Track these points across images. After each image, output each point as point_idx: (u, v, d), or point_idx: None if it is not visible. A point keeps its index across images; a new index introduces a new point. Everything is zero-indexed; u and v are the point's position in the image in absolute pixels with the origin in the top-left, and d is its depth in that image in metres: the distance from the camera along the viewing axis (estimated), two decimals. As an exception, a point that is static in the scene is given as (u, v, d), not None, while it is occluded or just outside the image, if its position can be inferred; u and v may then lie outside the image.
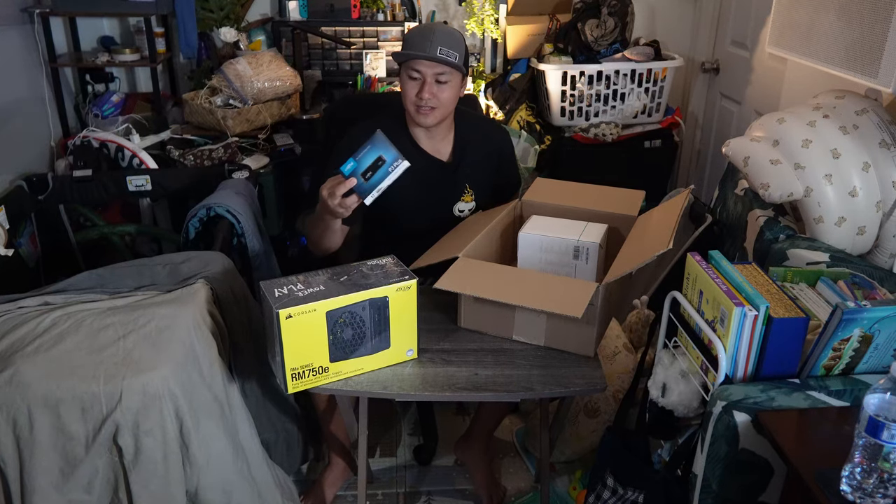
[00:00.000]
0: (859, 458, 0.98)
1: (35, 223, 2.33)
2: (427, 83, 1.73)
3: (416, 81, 1.75)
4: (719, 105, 3.12)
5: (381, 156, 1.50)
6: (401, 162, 1.49)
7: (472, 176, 1.92)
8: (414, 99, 1.76)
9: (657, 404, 1.40)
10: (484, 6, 3.06)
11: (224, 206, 2.05)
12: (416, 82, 1.75)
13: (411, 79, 1.75)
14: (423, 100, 1.74)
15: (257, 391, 1.78)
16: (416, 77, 1.74)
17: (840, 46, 1.79)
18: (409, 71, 1.75)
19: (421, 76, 1.74)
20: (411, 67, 1.74)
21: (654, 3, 3.26)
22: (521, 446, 2.18)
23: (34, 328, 1.48)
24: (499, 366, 1.52)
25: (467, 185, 1.92)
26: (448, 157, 1.90)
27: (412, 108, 1.78)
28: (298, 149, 2.74)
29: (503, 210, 1.86)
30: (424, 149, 1.87)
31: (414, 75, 1.74)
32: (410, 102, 1.78)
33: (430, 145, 1.87)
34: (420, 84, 1.74)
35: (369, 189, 1.52)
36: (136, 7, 2.72)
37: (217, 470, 1.55)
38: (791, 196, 1.74)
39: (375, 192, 1.51)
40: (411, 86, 1.76)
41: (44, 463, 1.40)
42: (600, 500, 1.55)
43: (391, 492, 2.03)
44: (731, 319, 1.19)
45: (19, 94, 2.57)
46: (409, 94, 1.76)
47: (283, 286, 1.41)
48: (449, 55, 1.71)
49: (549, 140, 2.98)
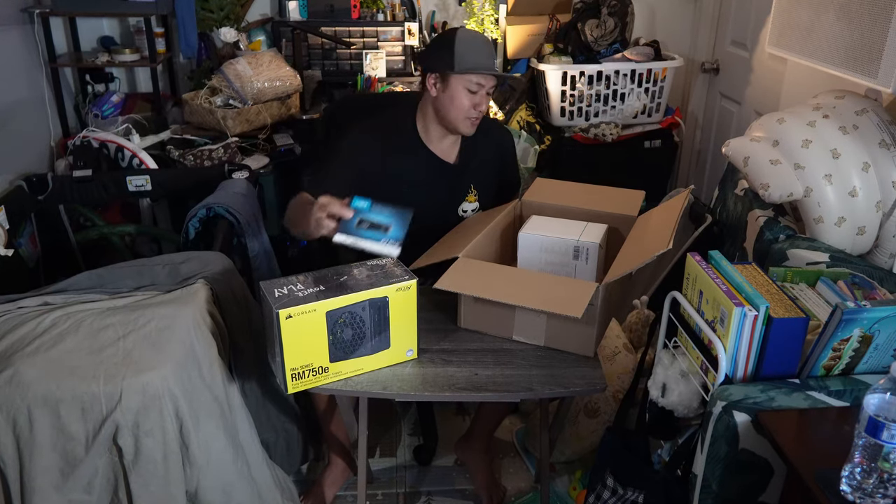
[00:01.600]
0: (859, 458, 0.98)
1: (35, 223, 2.33)
2: (483, 96, 1.75)
3: (475, 94, 1.74)
4: (719, 105, 3.12)
5: (390, 228, 1.46)
6: (393, 248, 1.43)
7: (476, 177, 1.92)
8: (470, 111, 1.76)
9: (657, 404, 1.40)
10: (484, 6, 3.06)
11: (224, 207, 2.05)
12: (476, 95, 1.74)
13: (470, 91, 1.74)
14: (481, 112, 1.76)
15: (257, 391, 1.78)
16: (475, 90, 1.74)
17: (840, 46, 1.79)
18: (469, 84, 1.73)
19: (481, 88, 1.74)
20: (473, 81, 1.73)
21: (654, 3, 3.26)
22: (521, 446, 2.18)
23: (34, 328, 1.48)
24: (499, 366, 1.52)
25: (472, 186, 1.92)
26: (455, 159, 1.90)
27: (464, 119, 1.77)
28: (298, 149, 2.74)
29: (503, 210, 1.86)
30: (433, 151, 1.86)
31: (474, 88, 1.73)
32: (464, 114, 1.76)
33: (439, 148, 1.87)
34: (480, 96, 1.75)
35: (351, 234, 1.44)
36: (136, 7, 2.72)
37: (217, 470, 1.55)
38: (791, 196, 1.74)
39: (351, 240, 1.44)
40: (470, 98, 1.74)
41: (44, 463, 1.40)
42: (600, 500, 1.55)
43: (391, 492, 2.03)
44: (731, 319, 1.19)
45: (19, 95, 2.57)
46: (465, 105, 1.75)
47: (283, 286, 1.41)
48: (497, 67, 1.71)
49: (549, 140, 2.98)
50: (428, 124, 1.84)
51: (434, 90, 1.77)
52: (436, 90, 1.77)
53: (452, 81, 1.74)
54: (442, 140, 1.86)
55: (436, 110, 1.80)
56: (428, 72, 1.78)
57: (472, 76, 1.72)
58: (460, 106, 1.75)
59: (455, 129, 1.81)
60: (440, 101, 1.77)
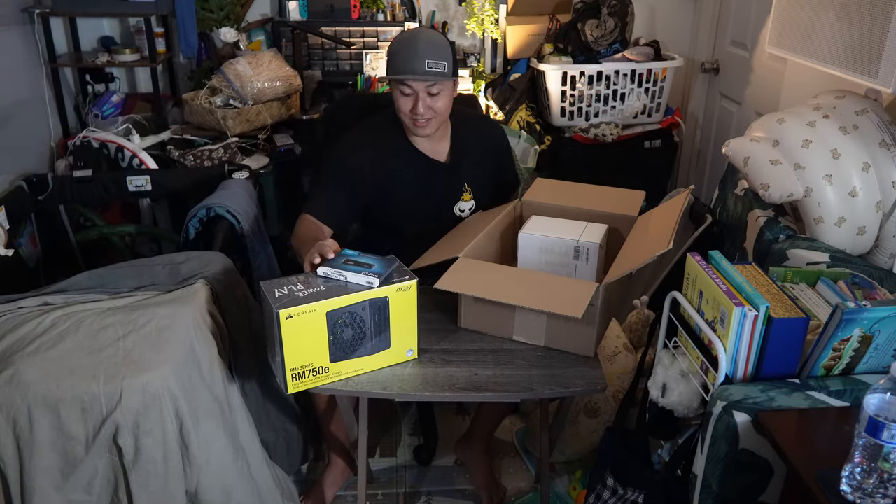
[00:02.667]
0: (859, 458, 0.98)
1: (35, 223, 2.33)
2: (420, 98, 1.72)
3: (408, 97, 1.73)
4: (719, 105, 3.12)
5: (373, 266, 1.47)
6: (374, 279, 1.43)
7: (470, 175, 1.92)
8: (409, 114, 1.75)
9: (657, 404, 1.40)
10: (484, 6, 3.06)
11: (224, 207, 2.05)
12: (409, 98, 1.73)
13: (403, 94, 1.74)
14: (419, 114, 1.74)
15: (257, 391, 1.78)
16: (408, 93, 1.73)
17: (840, 46, 1.79)
18: (400, 87, 1.73)
19: (413, 91, 1.72)
20: (402, 83, 1.72)
21: (654, 3, 3.26)
22: (521, 446, 2.18)
23: (34, 328, 1.48)
24: (499, 366, 1.52)
25: (466, 184, 1.92)
26: (446, 158, 1.90)
27: (409, 121, 1.78)
28: (298, 149, 2.74)
29: (503, 210, 1.86)
30: (422, 151, 1.87)
31: (406, 91, 1.73)
32: (406, 117, 1.77)
33: (428, 147, 1.87)
34: (413, 99, 1.73)
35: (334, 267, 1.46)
36: (136, 7, 2.73)
37: (217, 470, 1.55)
38: (791, 196, 1.74)
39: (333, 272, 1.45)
40: (404, 101, 1.74)
41: (44, 463, 1.40)
42: (600, 500, 1.55)
43: (391, 492, 2.03)
44: (731, 319, 1.19)
45: (19, 95, 2.57)
46: (404, 108, 1.75)
47: (284, 286, 1.41)
48: (437, 67, 1.69)
49: (549, 140, 2.98)
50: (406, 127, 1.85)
51: None
52: None
53: (392, 87, 1.76)
54: (428, 142, 1.87)
55: None
56: None
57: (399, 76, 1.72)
58: (400, 109, 1.77)
59: (412, 131, 1.82)
60: None
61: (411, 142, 1.86)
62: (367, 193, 1.83)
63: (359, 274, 1.44)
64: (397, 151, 1.85)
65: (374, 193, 1.83)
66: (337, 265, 1.47)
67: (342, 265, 1.47)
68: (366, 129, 1.87)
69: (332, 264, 1.47)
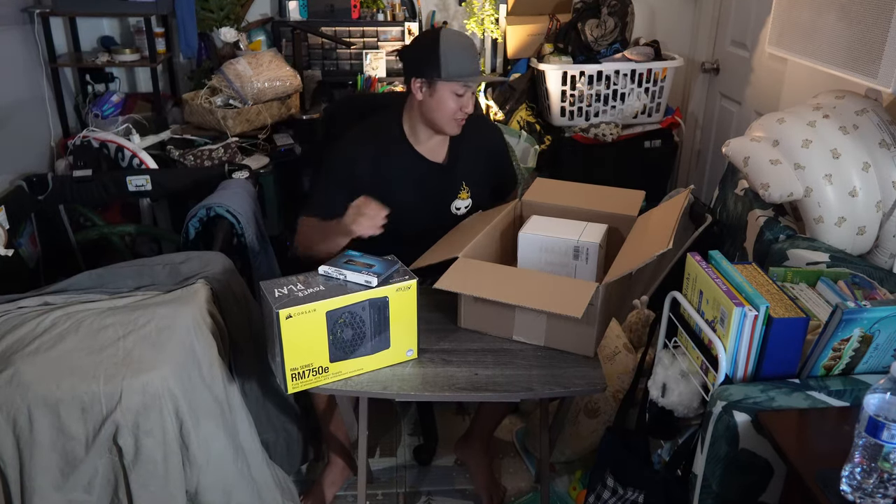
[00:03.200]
0: (859, 458, 0.98)
1: (35, 223, 2.33)
2: (468, 98, 1.77)
3: (460, 98, 1.76)
4: (719, 105, 3.12)
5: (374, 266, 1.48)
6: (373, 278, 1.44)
7: (466, 173, 1.93)
8: (457, 113, 1.78)
9: (657, 404, 1.40)
10: (484, 6, 3.06)
11: (224, 207, 2.05)
12: (461, 99, 1.76)
13: (457, 95, 1.76)
14: (466, 113, 1.78)
15: (257, 391, 1.78)
16: (461, 94, 1.76)
17: (840, 46, 1.79)
18: (457, 88, 1.75)
19: (467, 91, 1.76)
20: (460, 85, 1.75)
21: (654, 3, 3.26)
22: (521, 446, 2.18)
23: (34, 328, 1.48)
24: (499, 366, 1.52)
25: (463, 183, 1.93)
26: (443, 159, 1.91)
27: (451, 121, 1.79)
28: (298, 149, 2.74)
29: (503, 210, 1.86)
30: (421, 153, 1.87)
31: (460, 92, 1.75)
32: (451, 116, 1.78)
33: (427, 149, 1.88)
34: (464, 100, 1.77)
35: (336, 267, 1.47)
36: (136, 7, 2.72)
37: (217, 470, 1.55)
38: (791, 196, 1.74)
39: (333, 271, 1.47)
40: (455, 101, 1.76)
41: (44, 463, 1.40)
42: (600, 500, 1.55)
43: (391, 492, 2.03)
44: (731, 319, 1.19)
45: (19, 95, 2.57)
46: (452, 108, 1.77)
47: (283, 286, 1.41)
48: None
49: (549, 140, 2.98)
50: (414, 125, 1.85)
51: (420, 94, 1.78)
52: (422, 94, 1.78)
53: (439, 87, 1.75)
54: (429, 140, 1.87)
55: (421, 113, 1.81)
56: (413, 76, 1.78)
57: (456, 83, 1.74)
58: (447, 109, 1.77)
59: (441, 130, 1.83)
60: (426, 104, 1.78)
61: (411, 143, 1.86)
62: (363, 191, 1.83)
63: (358, 273, 1.44)
64: (396, 153, 1.85)
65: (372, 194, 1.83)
66: (338, 265, 1.47)
67: (343, 265, 1.47)
68: (365, 131, 1.87)
69: (333, 264, 1.48)
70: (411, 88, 1.79)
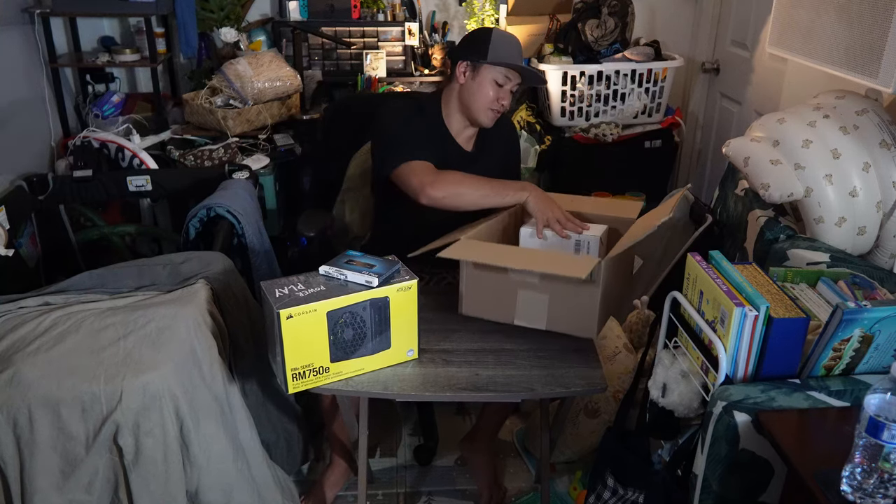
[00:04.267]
0: (860, 458, 0.98)
1: (35, 223, 2.33)
2: (508, 91, 1.83)
3: (501, 87, 1.81)
4: (719, 105, 3.12)
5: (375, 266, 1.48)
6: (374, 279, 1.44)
7: (486, 166, 1.96)
8: (493, 104, 1.83)
9: (657, 404, 1.40)
10: (484, 6, 3.06)
11: (224, 207, 2.05)
12: (500, 88, 1.81)
13: (497, 84, 1.81)
14: (504, 104, 1.83)
15: (257, 391, 1.78)
16: (502, 83, 1.81)
17: (840, 46, 1.79)
18: (498, 76, 1.80)
19: (508, 83, 1.81)
20: (502, 74, 1.80)
21: (655, 3, 3.26)
22: (522, 446, 2.18)
23: (34, 328, 1.48)
24: (499, 366, 1.52)
25: None
26: (471, 147, 1.97)
27: (487, 110, 1.84)
28: (299, 149, 2.74)
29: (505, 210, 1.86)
30: (454, 136, 1.93)
31: (501, 80, 1.81)
32: (488, 104, 1.83)
33: (460, 134, 1.94)
34: (504, 91, 1.82)
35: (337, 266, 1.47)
36: (136, 7, 2.72)
37: (217, 470, 1.55)
38: (791, 196, 1.74)
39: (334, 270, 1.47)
40: (495, 91, 1.82)
41: (44, 463, 1.40)
42: (600, 500, 1.55)
43: (391, 492, 2.03)
44: (731, 320, 1.19)
45: (20, 95, 2.57)
46: (490, 96, 1.82)
47: (284, 286, 1.41)
48: None
49: (549, 140, 2.98)
50: (451, 112, 1.91)
51: (463, 77, 1.84)
52: (465, 77, 1.83)
53: (483, 71, 1.81)
54: (463, 131, 1.94)
55: (461, 99, 1.87)
56: (460, 60, 1.84)
57: (500, 69, 1.79)
58: (486, 96, 1.82)
59: (476, 119, 1.88)
60: (467, 88, 1.84)
61: (447, 128, 1.92)
62: None
63: (359, 273, 1.44)
64: (436, 132, 1.91)
65: None
66: (339, 265, 1.47)
67: (344, 265, 1.47)
68: (410, 104, 1.93)
69: (334, 264, 1.48)
70: (456, 72, 1.85)
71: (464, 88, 1.85)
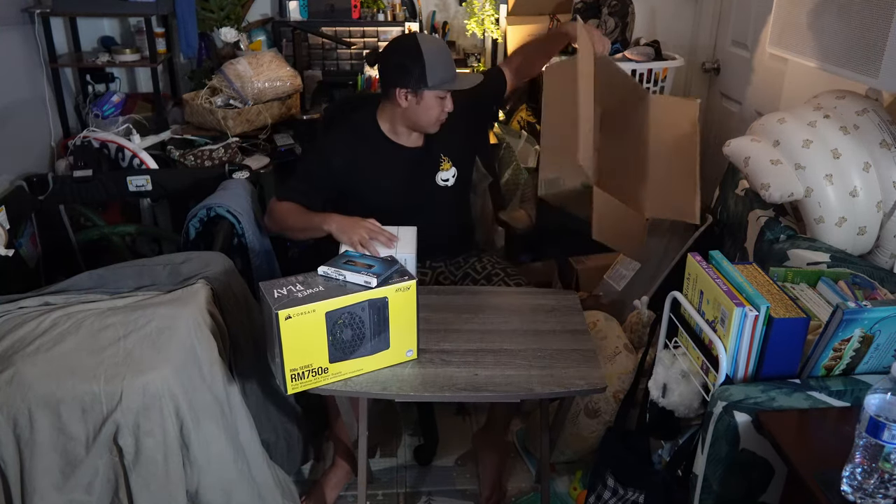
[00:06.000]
0: (860, 458, 0.98)
1: (35, 223, 2.33)
2: (450, 97, 1.88)
3: (443, 100, 1.87)
4: (720, 105, 3.12)
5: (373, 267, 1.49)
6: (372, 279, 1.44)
7: (445, 147, 2.01)
8: (441, 115, 1.89)
9: (658, 404, 1.40)
10: (484, 6, 3.06)
11: (224, 207, 2.05)
12: (443, 100, 1.87)
13: (440, 99, 1.86)
14: (448, 113, 1.89)
15: (257, 391, 1.78)
16: (443, 96, 1.87)
17: (840, 46, 1.79)
18: (441, 93, 1.85)
19: (448, 93, 1.87)
20: (445, 91, 1.85)
21: (655, 3, 3.25)
22: (522, 446, 2.18)
23: (34, 328, 1.48)
24: (498, 366, 1.52)
25: (441, 156, 2.01)
26: (420, 142, 2.00)
27: (436, 122, 1.90)
28: (299, 149, 2.74)
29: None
30: (398, 142, 1.97)
31: (443, 95, 1.86)
32: (436, 119, 1.89)
33: (405, 137, 1.97)
34: (447, 99, 1.88)
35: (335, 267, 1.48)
36: (136, 7, 2.72)
37: (217, 470, 1.55)
38: (791, 196, 1.74)
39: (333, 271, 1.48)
40: (440, 104, 1.87)
41: (44, 463, 1.40)
42: (601, 500, 1.55)
43: (391, 492, 2.03)
44: (731, 320, 1.19)
45: (20, 95, 2.57)
46: (436, 111, 1.88)
47: (283, 287, 1.41)
48: None
49: (549, 140, 2.97)
50: (395, 126, 1.96)
51: (405, 102, 1.86)
52: (406, 102, 1.86)
53: (426, 95, 1.84)
54: (409, 135, 1.98)
55: (405, 118, 1.91)
56: (397, 87, 1.85)
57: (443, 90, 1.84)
58: (433, 114, 1.89)
59: (424, 130, 1.95)
60: (411, 110, 1.88)
61: (387, 136, 1.96)
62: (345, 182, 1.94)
63: (358, 274, 1.44)
64: (374, 146, 1.95)
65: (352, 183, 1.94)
66: (337, 265, 1.47)
67: (342, 265, 1.47)
68: (343, 129, 1.98)
69: (333, 264, 1.48)
70: (395, 97, 1.86)
71: (407, 111, 1.88)
